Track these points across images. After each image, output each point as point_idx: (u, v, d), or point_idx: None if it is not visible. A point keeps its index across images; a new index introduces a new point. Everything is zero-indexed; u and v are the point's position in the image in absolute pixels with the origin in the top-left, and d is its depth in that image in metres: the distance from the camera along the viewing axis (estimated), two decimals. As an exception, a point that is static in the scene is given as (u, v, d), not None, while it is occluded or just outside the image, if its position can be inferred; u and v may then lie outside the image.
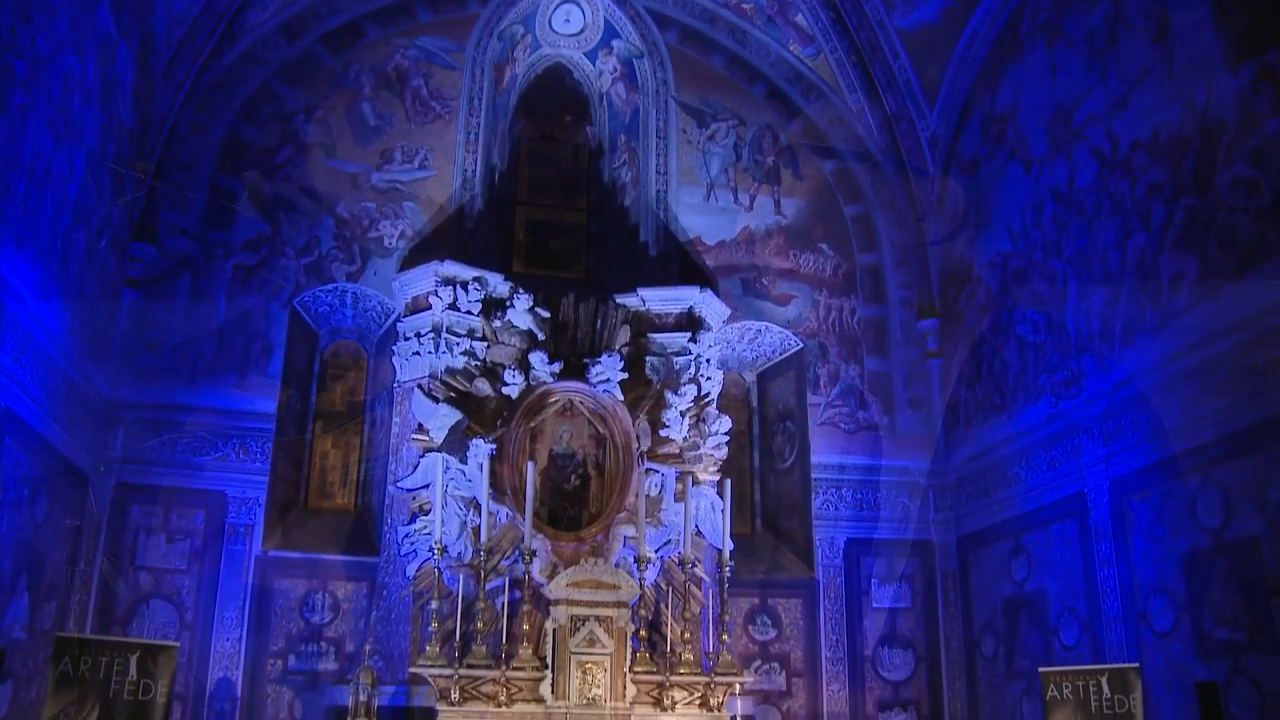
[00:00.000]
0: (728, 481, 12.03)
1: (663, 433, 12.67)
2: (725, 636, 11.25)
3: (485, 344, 12.67)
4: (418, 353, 12.49)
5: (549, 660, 10.61)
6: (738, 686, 11.26)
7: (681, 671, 10.89)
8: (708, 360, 13.20)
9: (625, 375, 12.66)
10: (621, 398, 12.65)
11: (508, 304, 12.73)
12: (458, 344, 12.48)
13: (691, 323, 13.20)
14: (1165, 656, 10.55)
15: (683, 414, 12.76)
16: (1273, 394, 9.39)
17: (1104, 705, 9.82)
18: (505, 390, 12.41)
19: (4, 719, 9.64)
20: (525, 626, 10.79)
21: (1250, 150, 9.80)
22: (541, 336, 12.77)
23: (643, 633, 11.01)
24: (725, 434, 13.03)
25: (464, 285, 12.58)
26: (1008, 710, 13.07)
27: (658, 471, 12.49)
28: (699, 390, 12.98)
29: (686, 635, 11.28)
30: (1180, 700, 10.24)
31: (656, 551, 12.07)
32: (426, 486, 11.86)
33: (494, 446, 11.98)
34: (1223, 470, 9.96)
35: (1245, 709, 9.51)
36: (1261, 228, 9.62)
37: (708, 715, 10.75)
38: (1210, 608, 10.01)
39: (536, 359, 12.45)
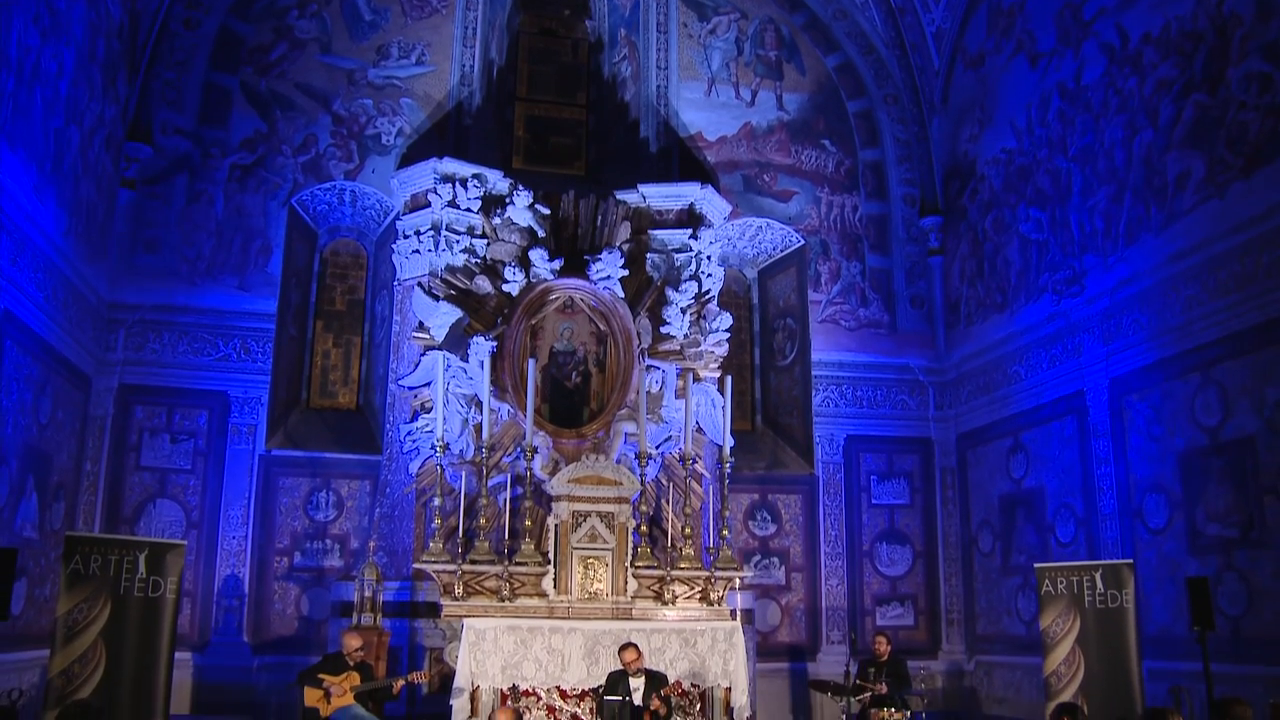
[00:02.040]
0: (728, 378, 12.06)
1: (663, 329, 12.67)
2: (725, 532, 11.38)
3: (485, 241, 12.59)
4: (417, 250, 12.43)
5: (551, 556, 10.75)
6: (738, 581, 11.43)
7: (682, 566, 11.03)
8: (708, 257, 13.14)
9: (626, 272, 12.62)
10: (622, 294, 12.62)
11: (507, 201, 12.62)
12: (458, 241, 12.41)
13: (692, 219, 13.11)
14: (1158, 553, 10.71)
15: (683, 311, 12.75)
16: (1276, 294, 9.37)
17: (1098, 600, 10.00)
18: (506, 287, 12.38)
19: (20, 615, 9.82)
20: (527, 522, 10.90)
21: (1265, 44, 9.60)
22: (542, 233, 12.69)
23: (644, 528, 11.12)
24: (726, 331, 13.04)
25: (463, 182, 12.46)
26: (1003, 605, 13.32)
27: (658, 368, 12.53)
28: (700, 287, 12.94)
29: (687, 530, 11.42)
30: (1171, 595, 10.42)
31: (657, 448, 12.17)
32: (428, 384, 11.91)
33: (495, 344, 11.98)
34: (1222, 370, 9.99)
35: (1234, 602, 9.70)
36: (1273, 125, 9.48)
37: (708, 609, 10.92)
38: (1204, 505, 10.13)
39: (537, 256, 12.38)
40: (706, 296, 13.07)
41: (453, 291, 12.23)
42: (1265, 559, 9.42)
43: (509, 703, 9.61)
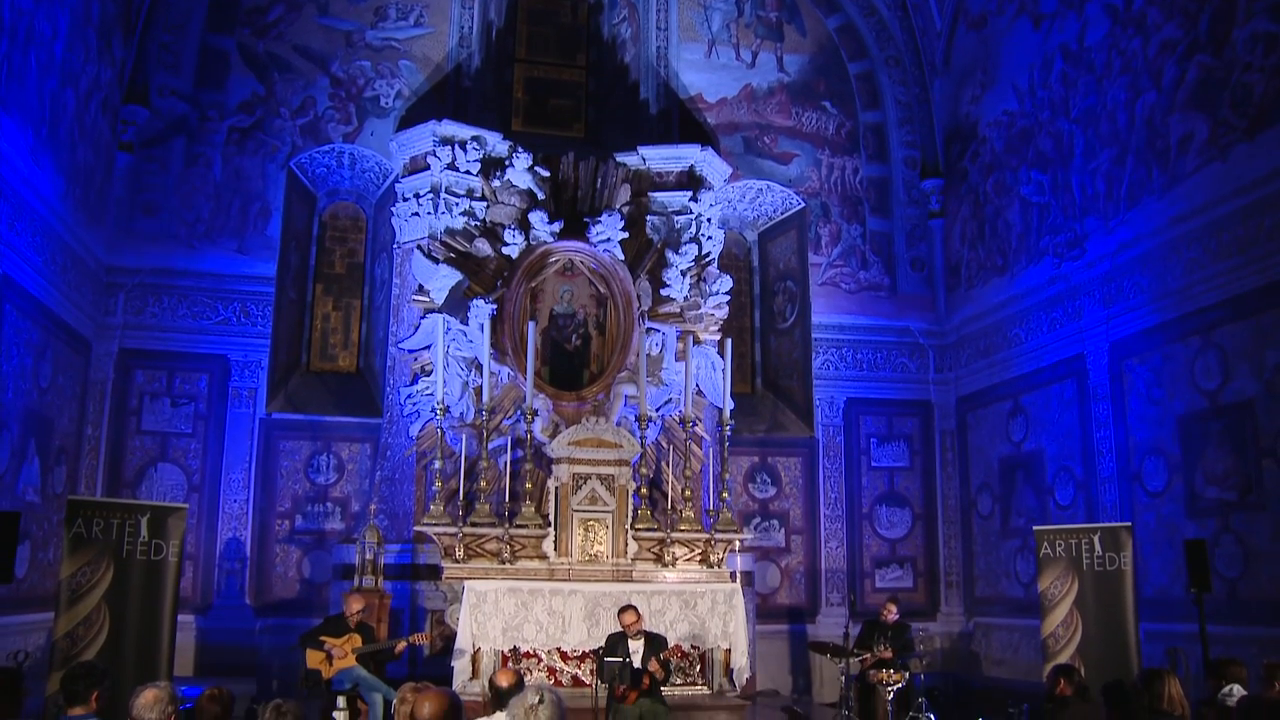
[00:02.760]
0: (728, 341, 12.03)
1: (664, 292, 12.66)
2: (725, 494, 11.37)
3: (485, 204, 12.55)
4: (417, 213, 12.39)
5: (551, 518, 10.75)
6: (737, 543, 11.45)
7: (682, 528, 11.05)
8: (709, 219, 13.10)
9: (626, 234, 12.59)
10: (622, 257, 12.59)
11: (507, 163, 12.56)
12: (457, 204, 12.37)
13: (692, 181, 13.06)
14: (1157, 516, 10.74)
15: (684, 273, 12.73)
16: (1278, 257, 9.33)
17: (1096, 562, 10.04)
18: (505, 250, 12.35)
19: (24, 579, 9.87)
20: (528, 485, 10.90)
21: (1272, 5, 9.49)
22: (541, 196, 12.65)
23: (644, 491, 11.11)
24: (726, 293, 13.03)
25: (462, 145, 12.40)
26: (1002, 567, 13.37)
27: (659, 330, 12.52)
28: (700, 249, 12.91)
29: (687, 493, 11.46)
30: (1169, 557, 10.46)
31: (657, 410, 12.18)
32: (428, 347, 11.90)
33: (495, 307, 11.98)
34: (1223, 333, 9.98)
35: (1231, 565, 9.74)
36: (1278, 86, 9.39)
37: (708, 571, 10.94)
38: (1203, 468, 10.15)
39: (537, 218, 12.35)
40: (707, 259, 13.04)
41: (452, 254, 12.20)
42: (1263, 522, 9.45)
43: (510, 664, 9.67)
